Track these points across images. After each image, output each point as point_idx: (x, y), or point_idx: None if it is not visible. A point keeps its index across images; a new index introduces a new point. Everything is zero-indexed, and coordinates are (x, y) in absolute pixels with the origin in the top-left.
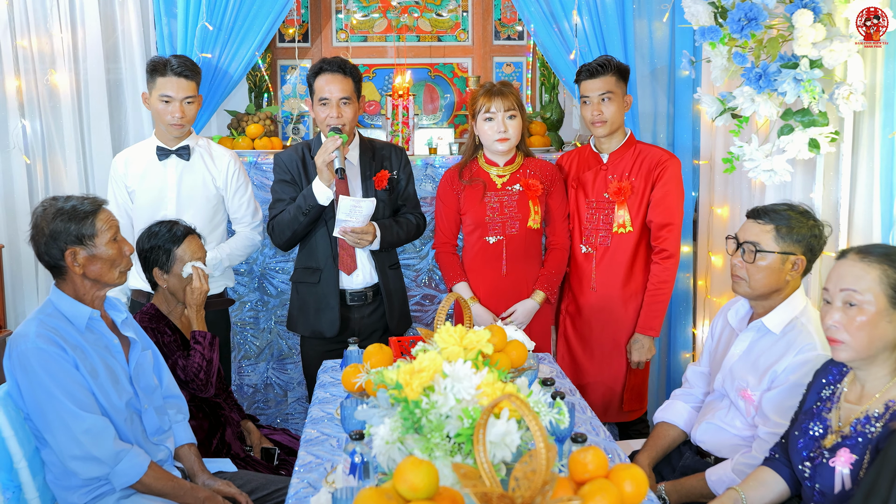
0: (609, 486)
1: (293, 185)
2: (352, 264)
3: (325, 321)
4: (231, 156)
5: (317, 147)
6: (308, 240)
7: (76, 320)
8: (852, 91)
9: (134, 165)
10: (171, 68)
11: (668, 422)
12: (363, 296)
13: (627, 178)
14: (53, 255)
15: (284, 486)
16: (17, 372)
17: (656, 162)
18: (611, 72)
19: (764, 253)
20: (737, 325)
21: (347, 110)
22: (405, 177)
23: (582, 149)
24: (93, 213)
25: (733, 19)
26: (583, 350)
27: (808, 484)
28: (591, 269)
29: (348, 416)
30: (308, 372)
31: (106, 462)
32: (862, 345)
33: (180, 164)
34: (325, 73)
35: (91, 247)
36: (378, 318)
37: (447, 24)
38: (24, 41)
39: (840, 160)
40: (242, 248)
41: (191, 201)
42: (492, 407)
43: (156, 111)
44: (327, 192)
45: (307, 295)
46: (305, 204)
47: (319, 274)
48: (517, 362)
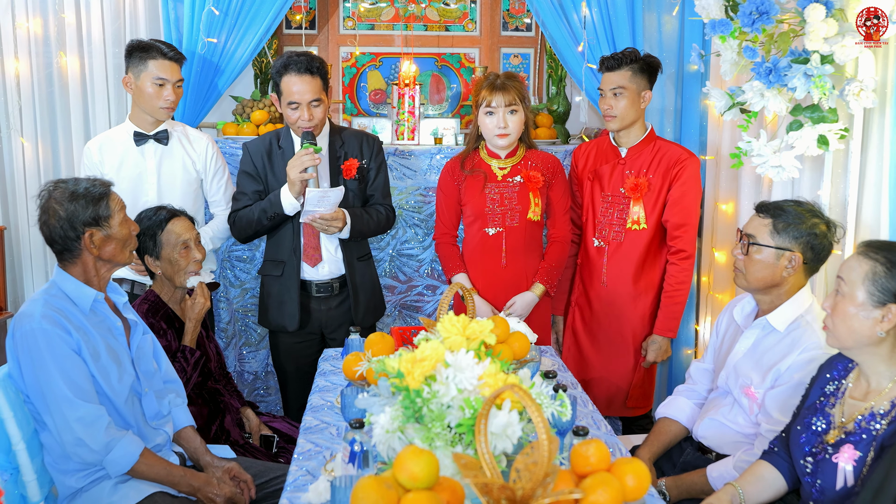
0: (611, 480)
1: (256, 179)
2: (316, 256)
3: (287, 314)
4: (208, 139)
5: (286, 139)
6: (275, 233)
7: (80, 302)
8: (863, 88)
9: (110, 152)
10: (162, 52)
11: (670, 417)
12: (329, 287)
13: (645, 175)
14: (69, 238)
15: (283, 474)
16: (19, 352)
17: (675, 160)
18: (626, 66)
19: (759, 246)
20: (742, 322)
21: (318, 111)
22: (376, 166)
23: (601, 140)
24: (106, 194)
25: (744, 13)
26: (590, 343)
27: (808, 480)
28: (602, 263)
29: (348, 405)
30: (277, 365)
31: (97, 451)
32: (840, 333)
33: (159, 149)
34: (291, 74)
35: (107, 227)
36: (345, 310)
37: (455, 13)
38: (27, 23)
39: (849, 157)
40: (223, 230)
41: (172, 186)
42: (494, 397)
43: (145, 95)
44: (295, 203)
45: (271, 287)
46: (271, 209)
47: (283, 266)
48: (519, 354)
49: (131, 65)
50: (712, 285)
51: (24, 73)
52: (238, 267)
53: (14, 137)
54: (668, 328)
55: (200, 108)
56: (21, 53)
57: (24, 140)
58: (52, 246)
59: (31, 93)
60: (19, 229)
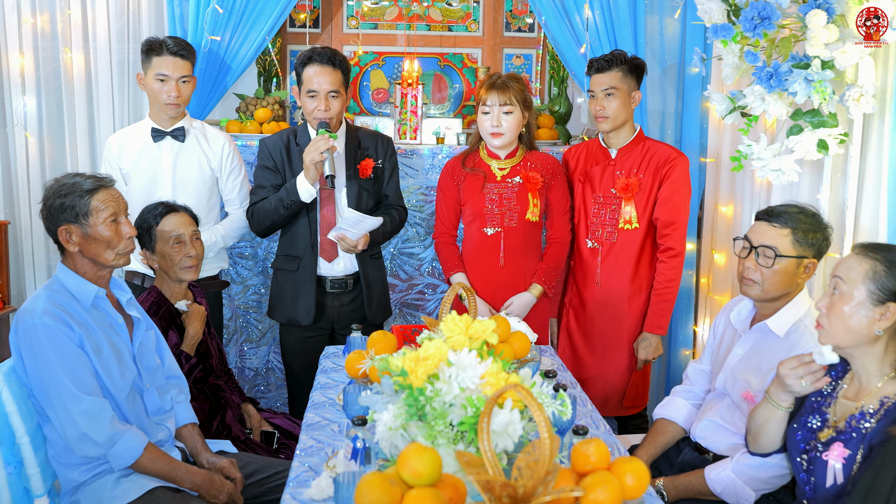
0: (611, 479)
1: (275, 172)
2: (333, 252)
3: (302, 309)
4: (225, 138)
5: (303, 136)
6: (290, 227)
7: (82, 298)
8: (863, 93)
9: (128, 147)
10: (166, 48)
11: (667, 418)
12: (343, 283)
13: (635, 175)
14: (51, 231)
15: (285, 470)
16: (22, 347)
17: (665, 159)
18: (616, 67)
19: (784, 258)
20: (739, 327)
21: (335, 103)
22: (390, 167)
23: (590, 143)
24: (91, 191)
25: (746, 18)
26: (585, 344)
27: (802, 477)
28: (596, 264)
29: (351, 402)
30: (286, 359)
31: (101, 444)
32: (836, 331)
33: (175, 145)
34: (314, 64)
35: (86, 225)
36: (356, 307)
37: (458, 13)
38: (32, 19)
39: (848, 162)
40: (236, 229)
41: (186, 183)
42: (497, 396)
43: (151, 91)
44: (311, 190)
45: (285, 282)
46: (287, 198)
47: (298, 262)
48: (520, 353)
49: (143, 63)
50: (711, 287)
51: (28, 69)
52: (240, 264)
53: (18, 133)
54: (657, 325)
55: (204, 105)
56: (26, 49)
57: (28, 135)
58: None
59: (35, 88)
60: (23, 224)
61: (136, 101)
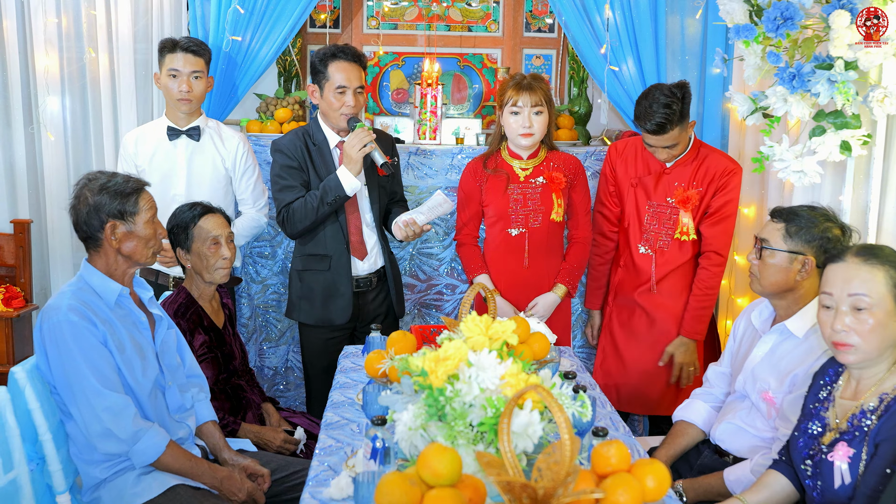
0: (631, 481)
1: (300, 170)
2: (363, 249)
3: (337, 309)
4: (240, 137)
5: (317, 133)
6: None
7: (106, 296)
8: (887, 94)
9: (144, 144)
10: (179, 45)
11: (687, 420)
12: (369, 281)
13: (694, 187)
14: (92, 226)
15: (304, 469)
16: (47, 344)
17: (722, 170)
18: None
19: (772, 250)
20: (760, 327)
21: (361, 99)
22: (398, 165)
23: (638, 143)
24: (137, 191)
25: (769, 18)
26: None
27: (808, 483)
28: (650, 270)
29: (370, 402)
30: (306, 359)
31: (125, 441)
32: (873, 347)
33: (190, 144)
34: (340, 61)
35: (131, 223)
36: (380, 302)
37: (478, 14)
38: (57, 19)
39: (871, 163)
40: (249, 229)
41: (200, 181)
42: (518, 397)
43: (165, 88)
44: (356, 182)
45: (313, 283)
46: (331, 193)
47: (329, 261)
48: (539, 354)
49: (158, 62)
50: (733, 289)
51: (52, 69)
52: (259, 263)
53: (43, 132)
54: (696, 331)
55: (225, 105)
56: (50, 49)
57: (51, 135)
58: (77, 231)
59: (59, 88)
60: (47, 223)
61: (159, 101)
